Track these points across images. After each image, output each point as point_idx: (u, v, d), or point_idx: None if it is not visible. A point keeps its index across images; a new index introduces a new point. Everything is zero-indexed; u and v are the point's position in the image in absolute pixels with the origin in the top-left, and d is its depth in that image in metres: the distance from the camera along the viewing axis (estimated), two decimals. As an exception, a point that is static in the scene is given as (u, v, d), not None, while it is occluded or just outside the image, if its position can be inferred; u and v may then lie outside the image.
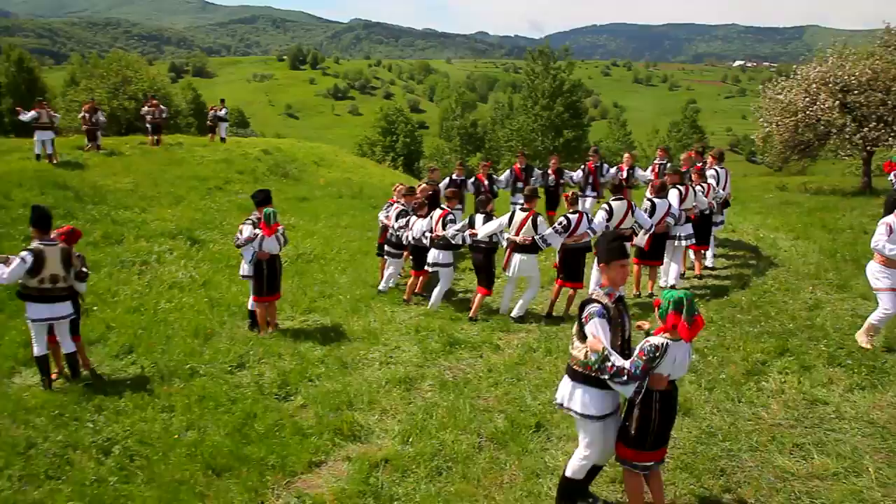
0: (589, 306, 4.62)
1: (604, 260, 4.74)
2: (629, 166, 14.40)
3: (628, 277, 9.83)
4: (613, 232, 4.94)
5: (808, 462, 5.67)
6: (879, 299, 7.78)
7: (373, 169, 35.16)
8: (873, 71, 20.78)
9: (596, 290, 4.77)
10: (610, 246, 4.73)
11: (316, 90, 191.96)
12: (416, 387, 7.67)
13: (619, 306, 4.73)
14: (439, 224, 10.43)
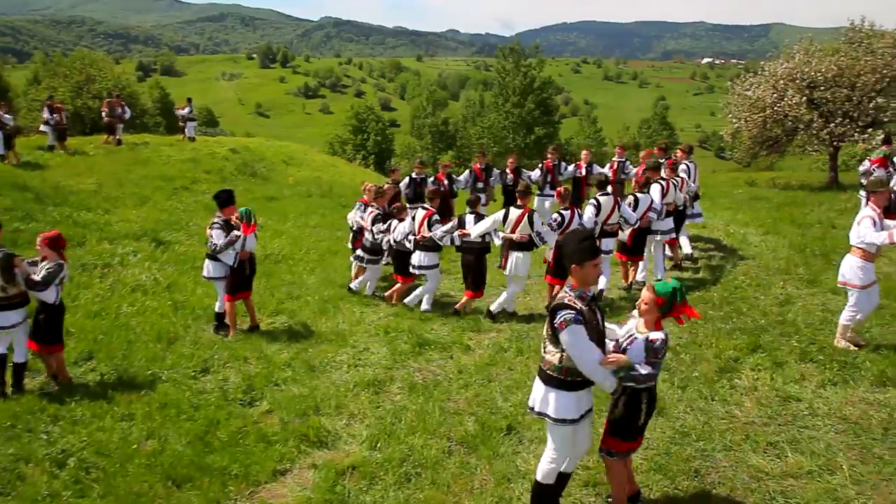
0: (563, 312, 4.39)
1: (576, 261, 4.47)
2: (587, 163, 14.35)
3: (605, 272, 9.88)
4: (581, 231, 4.69)
5: (782, 461, 5.59)
6: (850, 297, 7.69)
7: (343, 167, 34.85)
8: (838, 67, 20.99)
9: (567, 294, 4.51)
10: (581, 246, 4.47)
11: (286, 89, 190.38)
12: (384, 390, 7.49)
13: (593, 306, 4.55)
14: (424, 225, 10.07)
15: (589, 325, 4.39)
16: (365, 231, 10.88)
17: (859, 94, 20.82)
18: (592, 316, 4.47)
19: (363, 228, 11.01)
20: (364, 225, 10.92)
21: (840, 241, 12.17)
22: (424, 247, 10.06)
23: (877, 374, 6.97)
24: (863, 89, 20.76)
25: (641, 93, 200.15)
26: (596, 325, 4.49)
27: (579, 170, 14.31)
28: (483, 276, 10.08)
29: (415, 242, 10.11)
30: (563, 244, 4.68)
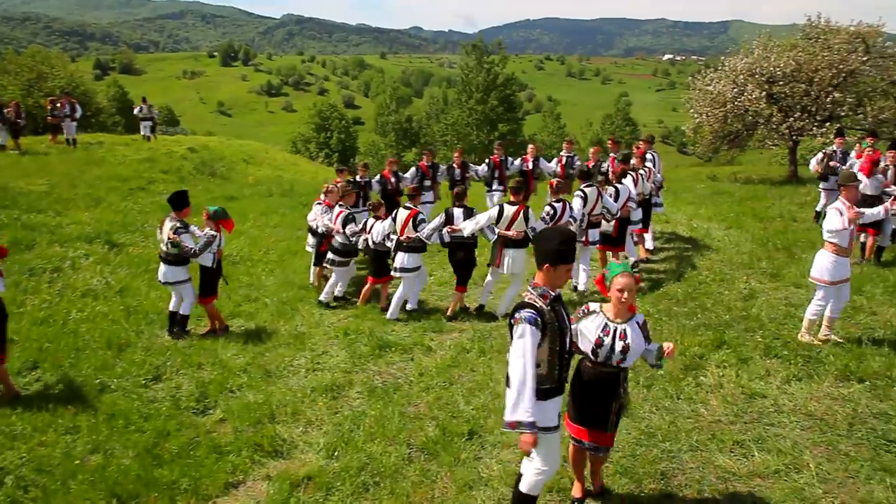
0: (522, 311, 4.18)
1: (551, 261, 4.22)
2: (533, 157, 14.29)
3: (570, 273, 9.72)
4: (561, 230, 4.43)
5: (748, 460, 5.48)
6: (817, 291, 7.65)
7: (305, 166, 34.40)
8: (797, 62, 21.21)
9: (528, 292, 4.31)
10: (561, 248, 4.23)
11: (249, 87, 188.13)
12: (343, 394, 7.25)
13: (556, 307, 4.32)
14: (409, 225, 9.50)
15: (549, 325, 4.18)
16: (335, 233, 10.31)
17: (817, 89, 21.06)
18: (554, 317, 4.24)
19: (330, 231, 10.45)
20: (334, 227, 10.32)
21: (801, 235, 12.26)
22: (409, 248, 9.56)
23: (840, 368, 6.93)
24: (820, 84, 21.00)
25: (604, 89, 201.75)
26: (558, 325, 4.26)
27: (525, 164, 14.24)
28: (471, 271, 9.91)
29: (397, 243, 9.65)
30: (542, 239, 4.37)
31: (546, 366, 4.25)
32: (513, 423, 4.07)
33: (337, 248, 10.29)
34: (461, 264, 9.71)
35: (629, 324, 4.58)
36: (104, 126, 42.99)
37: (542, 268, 4.27)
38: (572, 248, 4.30)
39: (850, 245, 7.52)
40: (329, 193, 10.91)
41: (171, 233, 8.77)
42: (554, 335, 4.23)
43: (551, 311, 4.24)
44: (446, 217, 9.45)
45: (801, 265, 10.49)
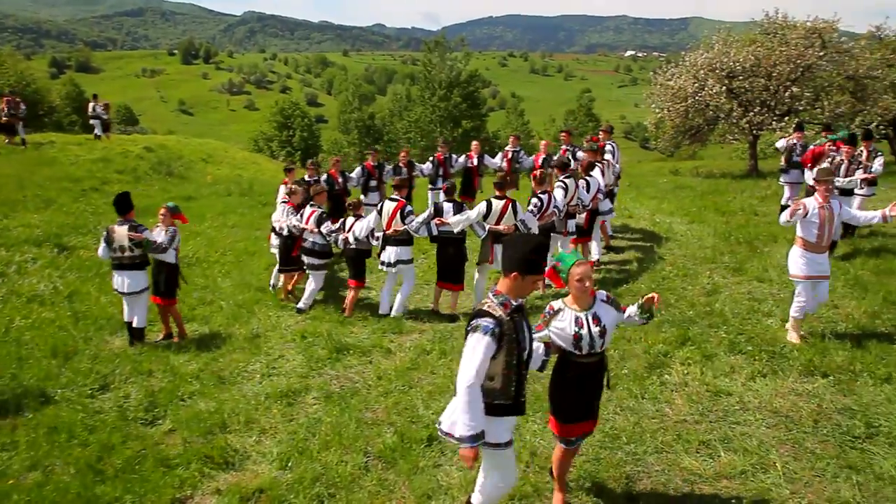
0: (479, 319, 3.94)
1: (520, 269, 3.96)
2: (477, 154, 14.15)
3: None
4: (535, 239, 4.16)
5: (715, 461, 5.35)
6: (796, 288, 7.59)
7: (266, 164, 33.85)
8: (756, 57, 21.38)
9: (489, 300, 4.04)
10: (533, 257, 3.96)
11: (210, 85, 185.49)
12: (299, 401, 6.99)
13: (516, 317, 4.04)
14: (396, 217, 9.19)
15: (506, 337, 3.93)
16: (309, 234, 9.83)
17: (775, 84, 21.25)
18: (512, 328, 3.97)
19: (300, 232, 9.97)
20: (307, 228, 9.82)
21: (763, 229, 12.25)
22: (398, 241, 9.27)
23: (805, 363, 6.85)
24: (778, 79, 21.19)
25: (567, 85, 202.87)
26: (517, 339, 4.00)
27: (470, 161, 14.10)
28: (463, 267, 9.63)
29: (385, 238, 9.34)
30: (513, 245, 4.07)
31: (501, 380, 4.01)
32: (450, 434, 3.86)
33: (312, 250, 9.82)
34: (451, 260, 9.46)
35: (596, 306, 4.49)
36: (60, 125, 41.94)
37: (508, 275, 4.01)
38: (544, 258, 4.05)
39: (820, 240, 7.35)
40: (293, 195, 10.46)
41: (130, 234, 8.41)
42: (511, 348, 3.97)
43: (511, 321, 3.97)
44: (435, 210, 9.21)
45: (764, 259, 10.48)
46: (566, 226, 10.01)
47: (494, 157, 14.30)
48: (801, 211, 7.31)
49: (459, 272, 9.55)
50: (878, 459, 5.26)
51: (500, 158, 14.01)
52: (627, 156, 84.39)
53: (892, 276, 9.55)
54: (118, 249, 8.47)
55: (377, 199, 12.92)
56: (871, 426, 5.71)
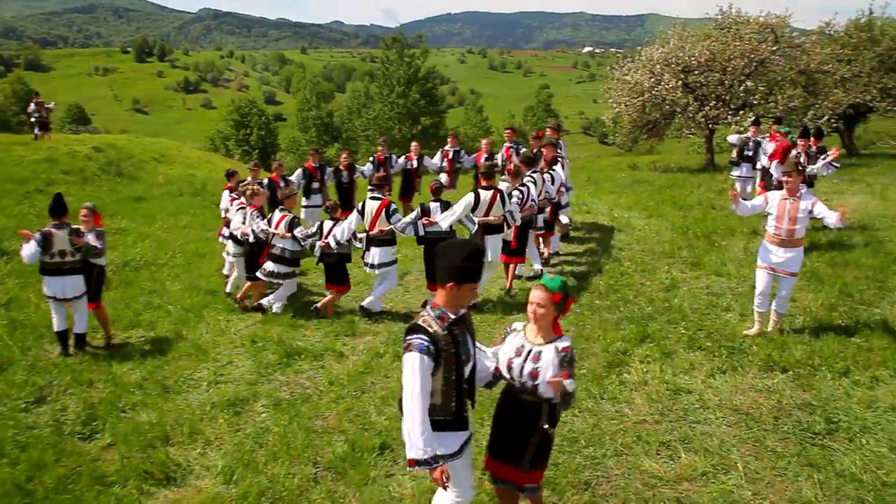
0: (412, 336, 3.64)
1: (456, 279, 3.64)
2: (417, 155, 13.91)
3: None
4: (468, 245, 3.84)
5: (675, 462, 5.21)
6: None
7: (220, 164, 33.07)
8: (710, 52, 21.56)
9: (425, 314, 3.72)
10: (468, 264, 3.66)
11: (165, 83, 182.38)
12: (246, 409, 6.68)
13: (455, 330, 3.74)
14: (381, 216, 8.82)
15: (444, 353, 3.65)
16: (280, 240, 9.25)
17: (730, 78, 21.44)
18: (451, 342, 3.69)
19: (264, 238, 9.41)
20: (279, 233, 9.20)
21: (720, 222, 12.26)
22: (381, 241, 8.93)
23: (764, 358, 6.78)
24: (733, 73, 21.37)
25: (526, 81, 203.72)
26: (454, 352, 3.71)
27: (410, 162, 13.83)
28: None
29: (368, 238, 8.97)
30: (446, 253, 3.74)
31: (440, 396, 3.72)
32: (410, 462, 3.60)
33: (281, 257, 9.28)
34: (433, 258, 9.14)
35: (547, 346, 3.90)
36: (7, 125, 40.67)
37: (444, 286, 3.71)
38: (480, 264, 3.76)
39: (778, 232, 7.22)
40: (256, 196, 9.83)
41: (74, 239, 8.01)
42: (449, 363, 3.69)
43: (449, 335, 3.68)
44: (422, 211, 8.92)
45: (721, 253, 10.46)
46: (536, 221, 9.90)
47: (433, 157, 14.10)
48: (760, 202, 7.36)
49: None
50: (838, 456, 5.17)
51: (439, 158, 13.79)
52: (587, 151, 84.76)
53: (847, 267, 9.58)
54: (58, 255, 8.03)
55: (320, 201, 12.58)
56: (831, 422, 5.63)
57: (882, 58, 23.22)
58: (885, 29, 23.79)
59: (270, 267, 9.34)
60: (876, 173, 17.59)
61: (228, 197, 11.07)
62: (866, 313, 8.00)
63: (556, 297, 3.87)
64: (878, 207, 13.48)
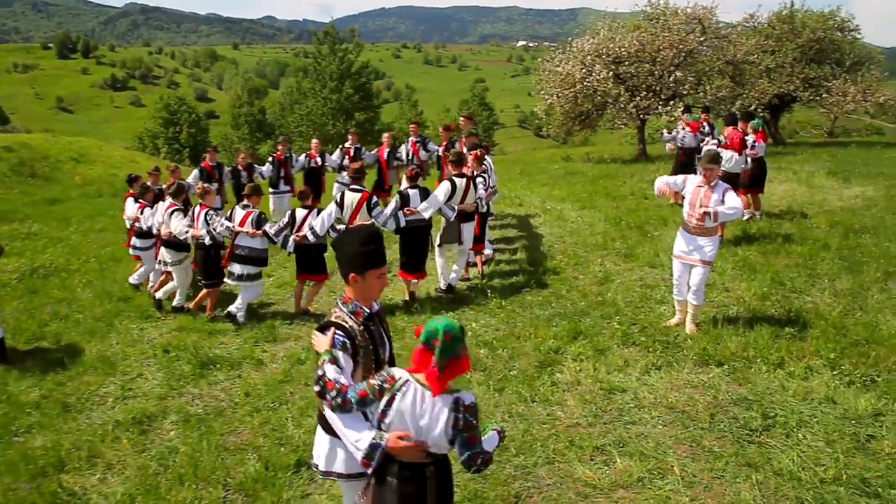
0: (326, 332, 3.26)
1: (356, 268, 3.26)
2: (318, 153, 13.42)
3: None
4: (365, 229, 3.44)
5: (610, 468, 4.92)
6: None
7: (145, 163, 31.82)
8: (640, 43, 21.64)
9: (338, 309, 3.36)
10: (365, 249, 3.27)
11: (91, 81, 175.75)
12: (154, 427, 6.16)
13: (372, 326, 3.40)
14: (363, 209, 8.37)
15: (362, 350, 3.30)
16: (246, 240, 8.55)
17: (660, 69, 21.55)
18: (367, 340, 3.35)
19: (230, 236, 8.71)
20: (244, 232, 8.51)
21: (653, 212, 12.16)
22: None
23: (699, 352, 6.58)
24: (663, 63, 21.49)
25: (461, 76, 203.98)
26: (373, 350, 3.38)
27: (313, 160, 13.30)
28: (426, 254, 9.09)
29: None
30: (340, 244, 3.37)
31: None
32: (364, 463, 3.10)
33: (248, 257, 8.59)
34: (419, 249, 8.89)
35: (440, 398, 2.98)
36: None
37: (347, 279, 3.32)
38: (380, 247, 3.36)
39: (689, 219, 7.08)
40: (207, 195, 9.00)
41: None
42: (368, 363, 3.34)
43: (365, 331, 3.34)
44: (401, 199, 8.60)
45: (654, 244, 10.32)
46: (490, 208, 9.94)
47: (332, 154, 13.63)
48: (680, 181, 7.28)
49: (423, 260, 9.05)
50: (776, 453, 4.97)
51: (338, 156, 13.33)
52: (523, 144, 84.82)
53: (777, 255, 9.54)
54: None
55: (219, 203, 11.96)
56: (768, 417, 5.44)
57: (803, 49, 23.79)
58: (806, 21, 24.38)
59: (238, 270, 8.66)
60: (801, 161, 17.86)
61: (135, 205, 10.13)
62: (798, 301, 7.92)
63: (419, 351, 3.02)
64: (804, 195, 13.61)
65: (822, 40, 23.91)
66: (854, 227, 10.73)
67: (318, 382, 3.13)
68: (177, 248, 9.10)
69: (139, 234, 9.95)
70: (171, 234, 8.90)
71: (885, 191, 13.65)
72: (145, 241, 9.94)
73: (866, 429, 5.24)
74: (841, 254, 9.47)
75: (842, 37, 24.54)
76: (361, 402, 3.06)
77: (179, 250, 9.15)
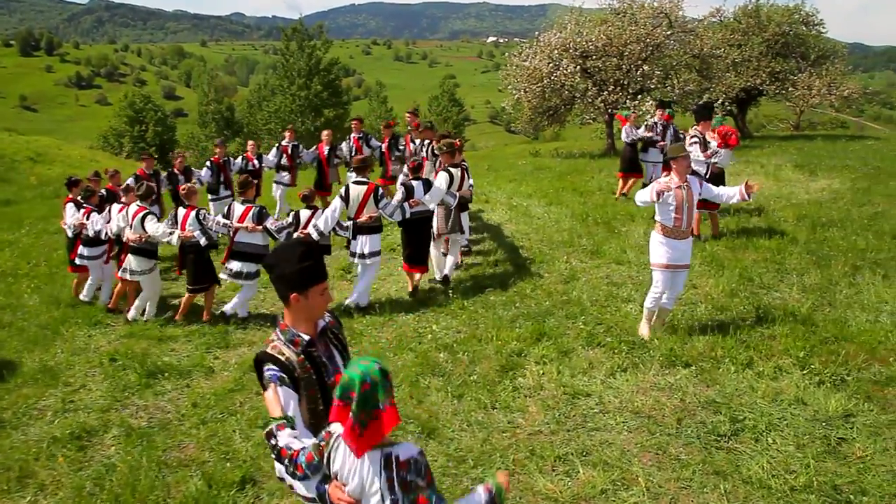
0: (264, 368, 2.95)
1: (298, 287, 2.95)
2: (255, 154, 13.03)
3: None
4: (297, 243, 3.08)
5: (573, 479, 4.67)
6: (653, 277, 6.83)
7: (106, 162, 31.15)
8: (607, 36, 21.54)
9: (275, 340, 3.03)
10: (304, 265, 2.94)
11: (55, 79, 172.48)
12: (94, 442, 5.79)
13: (314, 351, 3.06)
14: (370, 201, 8.20)
15: (303, 381, 2.99)
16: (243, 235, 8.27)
17: (627, 63, 21.46)
18: (309, 367, 3.02)
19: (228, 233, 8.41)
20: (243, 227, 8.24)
21: (621, 208, 11.97)
22: (370, 229, 8.35)
23: (666, 353, 6.35)
24: (630, 57, 21.40)
25: (432, 72, 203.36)
26: (316, 377, 3.04)
27: (251, 162, 12.86)
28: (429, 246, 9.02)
29: (355, 226, 8.28)
30: (274, 263, 3.01)
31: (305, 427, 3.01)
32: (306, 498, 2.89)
33: (248, 253, 8.30)
34: (423, 241, 8.74)
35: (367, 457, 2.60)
36: None
37: (288, 301, 2.99)
38: (320, 260, 3.06)
39: (679, 224, 6.60)
40: (193, 196, 8.54)
41: None
42: (312, 393, 3.03)
43: (306, 360, 3.02)
44: (406, 191, 8.49)
45: (622, 240, 10.12)
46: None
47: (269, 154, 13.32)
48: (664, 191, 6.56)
49: (427, 252, 8.93)
50: (745, 460, 4.76)
51: (275, 155, 13.03)
52: (494, 140, 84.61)
53: (746, 250, 9.38)
54: None
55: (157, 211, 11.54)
56: (736, 420, 5.22)
57: (769, 43, 23.89)
58: (771, 15, 24.48)
59: (237, 266, 8.35)
60: (768, 154, 17.84)
61: (77, 212, 9.60)
62: (767, 297, 7.75)
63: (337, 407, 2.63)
64: (772, 188, 13.53)
65: (788, 34, 24.04)
66: (821, 221, 10.62)
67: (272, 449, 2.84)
68: (148, 255, 8.63)
69: (87, 242, 9.41)
70: (142, 239, 8.41)
71: (850, 183, 13.61)
72: (94, 249, 9.44)
73: (837, 431, 5.05)
74: (809, 248, 9.33)
75: (807, 31, 24.71)
76: (311, 466, 2.75)
77: (150, 257, 8.68)
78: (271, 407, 2.88)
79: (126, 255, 8.69)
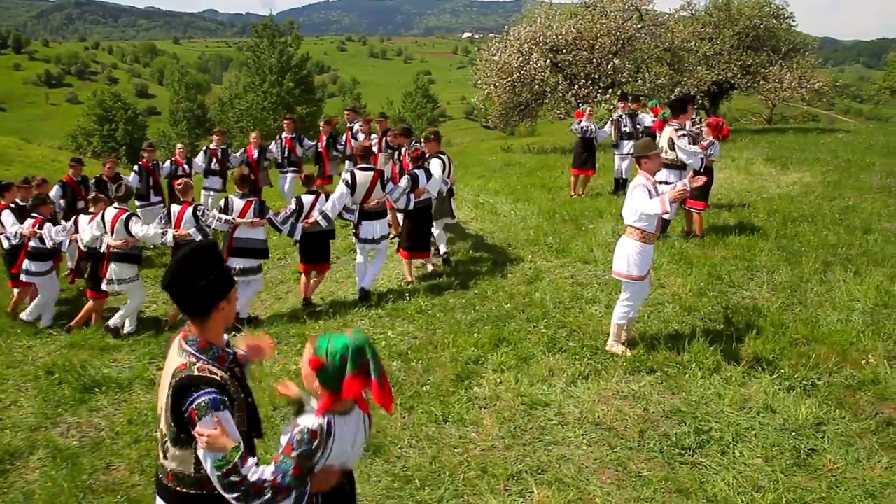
0: (196, 395, 2.49)
1: (222, 293, 2.64)
2: (184, 159, 12.37)
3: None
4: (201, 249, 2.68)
5: (525, 500, 4.33)
6: (623, 290, 6.26)
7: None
8: (577, 30, 21.31)
9: (200, 362, 2.60)
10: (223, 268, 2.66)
11: (24, 77, 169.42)
12: (17, 466, 5.37)
13: (237, 368, 2.76)
14: (377, 187, 8.16)
15: (235, 401, 2.63)
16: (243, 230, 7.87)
17: (598, 57, 21.23)
18: (237, 384, 2.70)
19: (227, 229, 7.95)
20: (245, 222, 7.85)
21: (588, 204, 11.69)
22: (376, 214, 8.32)
23: (629, 359, 6.03)
24: (601, 51, 21.18)
25: (407, 68, 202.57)
26: (244, 396, 2.72)
27: (180, 166, 12.19)
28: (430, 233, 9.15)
29: (362, 211, 8.17)
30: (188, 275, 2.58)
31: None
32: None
33: (249, 249, 7.98)
34: (424, 229, 8.81)
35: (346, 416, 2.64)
36: None
37: (206, 316, 2.64)
38: (220, 265, 2.68)
39: (657, 228, 6.14)
40: (187, 192, 8.15)
41: None
42: (242, 414, 2.70)
43: (233, 377, 2.68)
44: (412, 180, 8.40)
45: (588, 237, 9.80)
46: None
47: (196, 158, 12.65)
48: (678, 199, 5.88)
49: (429, 239, 9.03)
50: (710, 475, 4.45)
51: (202, 159, 12.44)
52: (470, 136, 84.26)
53: (716, 247, 9.10)
54: None
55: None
56: (702, 432, 4.91)
57: (740, 36, 23.80)
58: (742, 9, 24.40)
59: (241, 264, 7.92)
60: (740, 148, 17.67)
61: (15, 218, 8.89)
62: (735, 297, 7.46)
63: (315, 363, 2.58)
64: (743, 182, 13.34)
65: (759, 27, 23.98)
66: (792, 216, 10.40)
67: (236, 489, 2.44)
68: (133, 260, 8.16)
69: (33, 257, 8.67)
70: (128, 244, 7.96)
71: (821, 177, 13.45)
72: (42, 263, 8.73)
73: (807, 441, 4.75)
74: (779, 244, 9.08)
75: (777, 24, 24.67)
76: (298, 480, 2.47)
77: (135, 263, 8.21)
78: (219, 440, 2.45)
79: (107, 265, 8.07)
